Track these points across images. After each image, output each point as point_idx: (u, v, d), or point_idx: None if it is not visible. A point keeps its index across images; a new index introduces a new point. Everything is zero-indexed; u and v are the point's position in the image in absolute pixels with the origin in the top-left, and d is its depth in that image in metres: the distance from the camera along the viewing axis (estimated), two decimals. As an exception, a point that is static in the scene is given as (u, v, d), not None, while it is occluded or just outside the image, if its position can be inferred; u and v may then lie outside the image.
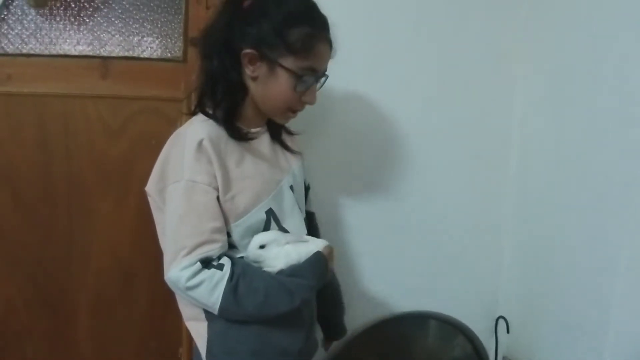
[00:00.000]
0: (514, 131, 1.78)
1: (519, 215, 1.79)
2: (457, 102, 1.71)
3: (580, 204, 1.51)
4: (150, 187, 1.15)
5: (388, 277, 1.75)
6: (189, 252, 1.03)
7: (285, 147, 1.28)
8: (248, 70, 1.10)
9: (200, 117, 1.14)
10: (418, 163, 1.71)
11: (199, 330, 1.16)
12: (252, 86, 1.13)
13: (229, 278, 1.04)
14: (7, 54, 1.40)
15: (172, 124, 1.45)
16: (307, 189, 1.37)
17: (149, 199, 1.18)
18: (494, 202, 1.81)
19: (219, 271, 1.04)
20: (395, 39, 1.62)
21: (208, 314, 1.12)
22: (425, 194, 1.74)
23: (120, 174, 1.47)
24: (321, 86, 1.19)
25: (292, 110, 1.17)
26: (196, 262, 1.02)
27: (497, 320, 1.85)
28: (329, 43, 1.13)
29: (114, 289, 1.53)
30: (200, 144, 1.06)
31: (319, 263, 1.16)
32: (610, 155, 1.40)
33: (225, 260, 1.06)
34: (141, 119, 1.46)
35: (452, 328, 1.83)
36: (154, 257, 1.49)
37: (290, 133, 1.33)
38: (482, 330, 1.85)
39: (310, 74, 1.11)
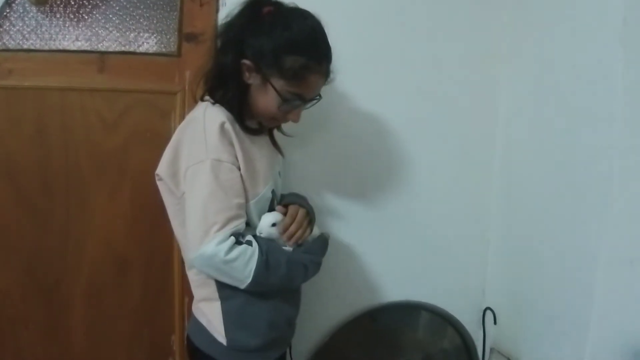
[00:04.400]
0: (498, 128, 1.82)
1: (504, 210, 1.83)
2: (443, 101, 1.75)
3: (562, 198, 1.55)
4: (162, 171, 1.19)
5: (376, 269, 1.78)
6: (222, 227, 1.08)
7: (273, 141, 1.36)
8: (245, 76, 1.16)
9: (211, 103, 1.19)
10: (405, 159, 1.75)
11: (211, 311, 1.21)
12: (250, 89, 1.19)
13: (259, 253, 1.11)
14: (8, 50, 1.44)
15: (166, 117, 1.51)
16: None
17: (159, 183, 1.22)
18: (480, 196, 1.84)
19: (249, 247, 1.11)
20: (380, 40, 1.67)
21: (222, 292, 1.19)
22: (412, 189, 1.77)
23: (116, 165, 1.51)
24: (311, 106, 1.24)
25: (277, 120, 1.23)
26: (230, 237, 1.09)
27: (484, 311, 1.88)
28: (323, 75, 1.18)
29: (108, 278, 1.56)
30: (222, 126, 1.12)
31: (324, 243, 1.30)
32: (590, 152, 1.44)
33: (250, 237, 1.13)
34: (136, 112, 1.50)
35: (441, 319, 1.86)
36: (148, 247, 1.56)
37: (283, 133, 1.40)
38: (469, 321, 1.88)
39: (297, 99, 1.16)
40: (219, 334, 1.20)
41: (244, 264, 1.09)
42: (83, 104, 1.48)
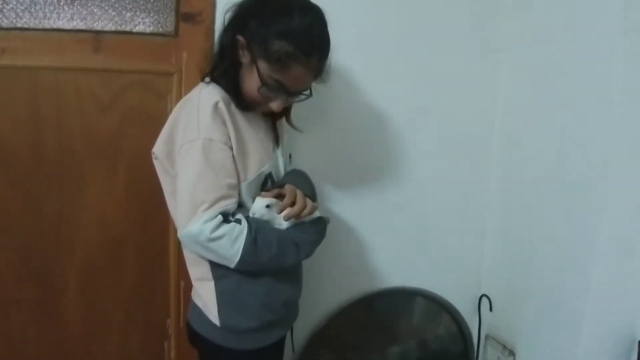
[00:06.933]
0: (497, 116, 1.82)
1: (501, 198, 1.83)
2: (443, 89, 1.74)
3: (560, 188, 1.55)
4: (158, 150, 1.18)
5: (373, 255, 1.78)
6: (210, 206, 1.08)
7: (274, 128, 1.33)
8: (239, 54, 1.14)
9: (206, 82, 1.19)
10: (404, 147, 1.75)
11: (205, 290, 1.21)
12: (242, 68, 1.17)
13: (248, 231, 1.10)
14: (1, 28, 1.40)
15: (163, 98, 1.49)
16: (289, 156, 1.44)
17: (155, 162, 1.22)
18: (477, 184, 1.85)
19: (238, 225, 1.10)
20: (381, 26, 1.65)
21: (215, 272, 1.18)
22: (410, 177, 1.77)
23: (111, 147, 1.49)
24: (300, 101, 1.22)
25: (260, 105, 1.20)
26: (217, 216, 1.08)
27: (480, 298, 1.89)
28: (311, 70, 1.14)
29: (102, 262, 1.54)
30: (216, 105, 1.11)
31: (320, 224, 1.28)
32: (588, 142, 1.44)
33: (240, 216, 1.12)
34: (132, 93, 1.47)
35: (437, 306, 1.86)
36: (143, 230, 1.55)
37: (292, 127, 1.37)
38: (465, 308, 1.89)
39: (278, 87, 1.14)
40: (213, 315, 1.20)
41: (231, 242, 1.09)
42: (77, 84, 1.45)
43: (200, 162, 1.09)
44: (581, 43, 1.47)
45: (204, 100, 1.12)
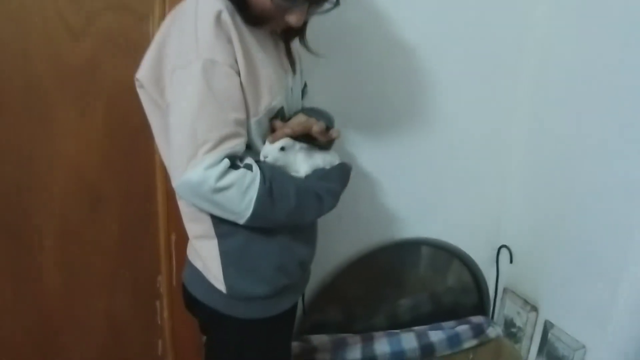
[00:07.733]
0: (528, 50, 1.64)
1: (528, 136, 1.68)
2: (470, 15, 1.56)
3: (601, 125, 1.40)
4: (143, 75, 0.96)
5: (387, 203, 1.64)
6: (213, 147, 0.87)
7: (288, 51, 1.11)
8: None
9: None
10: (427, 81, 1.58)
11: (207, 251, 1.03)
12: None
13: (261, 180, 0.91)
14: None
15: (143, 20, 1.31)
16: (304, 86, 1.22)
17: (140, 91, 1.00)
18: (502, 122, 1.70)
19: (249, 172, 0.90)
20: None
21: (219, 229, 1.00)
22: (430, 118, 1.62)
23: (85, 80, 1.31)
24: (324, 12, 0.99)
25: (275, 21, 0.98)
26: (223, 159, 0.88)
27: (499, 249, 1.77)
28: None
29: (80, 213, 1.39)
30: (218, 17, 0.89)
31: (345, 172, 1.10)
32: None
33: (250, 160, 0.92)
34: (107, 15, 1.28)
35: (451, 256, 1.75)
36: (125, 176, 1.39)
37: (307, 49, 1.13)
38: (483, 260, 1.78)
39: None
40: (217, 280, 1.02)
41: (242, 193, 0.89)
42: (44, 7, 1.25)
43: (200, 90, 0.87)
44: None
45: (203, 11, 0.90)
